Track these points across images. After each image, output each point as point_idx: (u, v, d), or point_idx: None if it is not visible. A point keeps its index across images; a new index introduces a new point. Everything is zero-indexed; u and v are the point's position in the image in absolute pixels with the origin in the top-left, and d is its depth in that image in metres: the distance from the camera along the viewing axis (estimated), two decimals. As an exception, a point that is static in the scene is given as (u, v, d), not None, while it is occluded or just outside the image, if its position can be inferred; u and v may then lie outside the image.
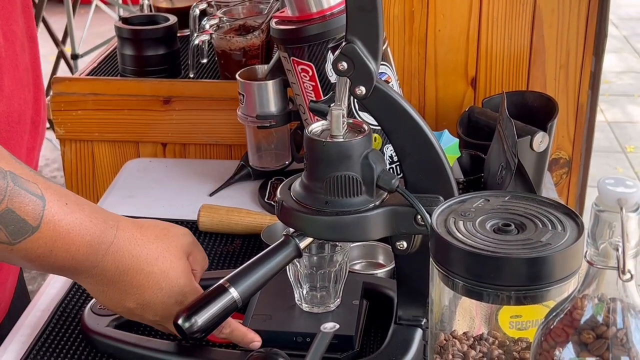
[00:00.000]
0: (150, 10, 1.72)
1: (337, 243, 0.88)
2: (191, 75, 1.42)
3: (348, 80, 0.77)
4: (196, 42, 1.39)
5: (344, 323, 0.85)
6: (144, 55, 1.41)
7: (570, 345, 0.58)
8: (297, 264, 0.87)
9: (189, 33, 1.51)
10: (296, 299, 0.90)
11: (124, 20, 1.45)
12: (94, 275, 0.79)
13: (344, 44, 0.76)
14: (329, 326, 0.67)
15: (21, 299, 1.04)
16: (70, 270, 0.78)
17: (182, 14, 1.53)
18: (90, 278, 0.79)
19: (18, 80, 0.90)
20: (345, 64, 0.76)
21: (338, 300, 0.90)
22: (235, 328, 0.84)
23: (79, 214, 0.76)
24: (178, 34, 1.46)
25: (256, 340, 0.85)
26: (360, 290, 0.92)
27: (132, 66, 1.42)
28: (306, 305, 0.89)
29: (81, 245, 0.76)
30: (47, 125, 3.68)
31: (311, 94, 1.08)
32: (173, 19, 1.45)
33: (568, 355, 0.58)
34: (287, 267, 0.87)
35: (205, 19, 1.41)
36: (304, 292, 0.89)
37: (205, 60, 1.43)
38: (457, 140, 1.13)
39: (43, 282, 2.77)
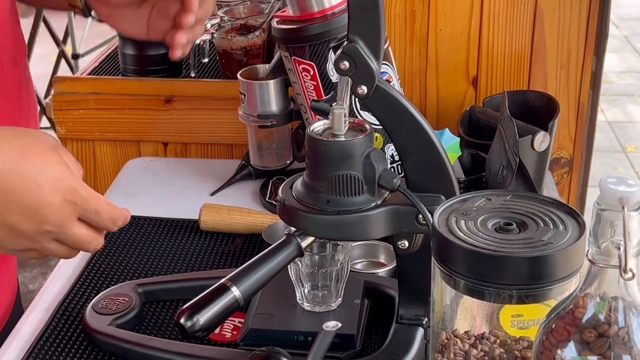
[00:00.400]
0: (152, 10, 1.72)
1: (338, 242, 0.88)
2: (192, 75, 1.42)
3: (350, 79, 0.77)
4: (197, 41, 1.39)
5: (346, 322, 0.85)
6: (145, 54, 1.41)
7: (572, 344, 0.58)
8: (299, 263, 0.87)
9: (190, 32, 1.51)
10: (297, 298, 0.90)
11: (125, 19, 1.45)
12: None
13: (345, 43, 0.76)
14: (331, 324, 0.67)
15: (17, 313, 1.02)
16: None
17: (183, 13, 1.53)
18: None
19: None
20: (347, 63, 0.76)
21: (339, 299, 0.90)
22: (118, 218, 0.79)
23: None
24: (179, 34, 1.46)
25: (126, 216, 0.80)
26: (362, 290, 0.92)
27: (133, 65, 1.42)
28: (308, 305, 0.89)
29: None
30: (48, 124, 3.68)
31: (312, 93, 1.08)
32: (174, 18, 1.45)
33: (570, 354, 0.58)
34: (289, 266, 0.87)
35: (206, 18, 1.41)
36: (306, 291, 0.89)
37: (206, 60, 1.43)
38: (457, 139, 1.13)
39: (44, 281, 2.78)
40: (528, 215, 0.68)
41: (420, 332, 0.85)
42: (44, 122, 3.73)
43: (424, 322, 0.85)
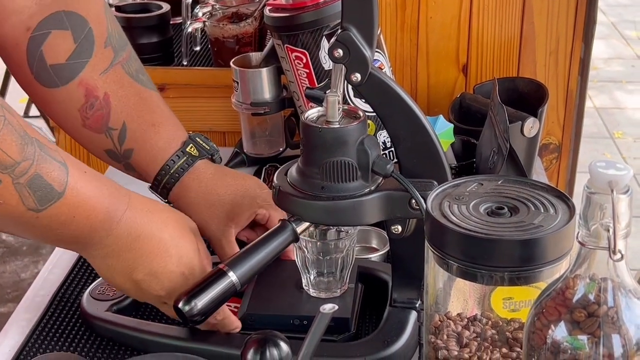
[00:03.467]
0: (143, -2, 1.72)
1: (342, 229, 0.89)
2: (184, 63, 1.43)
3: (344, 67, 0.78)
4: (189, 29, 1.40)
5: (340, 306, 0.86)
6: (137, 43, 1.41)
7: (562, 324, 0.60)
8: (305, 249, 0.88)
9: (181, 21, 1.52)
10: (303, 284, 0.91)
11: (117, 8, 1.45)
12: (106, 245, 0.79)
13: (339, 31, 0.77)
14: (328, 307, 0.69)
15: None
16: (84, 240, 0.79)
17: (175, 1, 1.53)
18: (100, 250, 0.80)
19: None
20: (341, 51, 0.78)
21: (344, 286, 0.91)
22: (227, 316, 0.85)
23: (97, 182, 0.78)
24: (171, 22, 1.46)
25: (237, 327, 0.86)
26: (356, 274, 0.93)
27: (125, 54, 1.42)
28: (313, 291, 0.90)
29: (100, 212, 0.77)
30: (38, 114, 3.64)
31: (305, 81, 1.09)
32: (166, 6, 1.45)
33: (560, 334, 0.60)
34: (295, 253, 0.89)
35: (197, 6, 1.41)
36: (312, 277, 0.90)
37: (198, 48, 1.44)
38: (451, 125, 1.15)
39: (36, 269, 2.77)
40: (519, 200, 0.69)
41: (413, 315, 0.86)
42: (33, 110, 3.72)
43: (417, 305, 0.87)
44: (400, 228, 0.83)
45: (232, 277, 0.80)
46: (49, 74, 0.89)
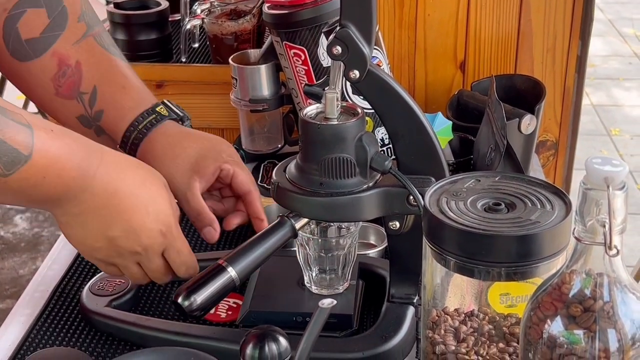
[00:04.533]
0: (141, -5, 1.72)
1: (343, 226, 0.90)
2: (183, 60, 1.43)
3: (342, 64, 0.79)
4: (188, 26, 1.40)
5: (343, 303, 0.87)
6: (136, 39, 1.42)
7: (559, 319, 0.60)
8: (307, 247, 0.88)
9: (180, 18, 1.52)
10: (305, 282, 0.91)
11: (116, 4, 1.46)
12: (81, 201, 0.78)
13: (338, 28, 0.78)
14: (327, 302, 0.69)
15: None
16: (58, 198, 0.78)
17: (173, -2, 1.54)
18: (75, 207, 0.79)
19: None
20: (339, 48, 0.78)
21: (347, 283, 0.91)
22: (191, 266, 0.86)
23: (66, 139, 0.77)
24: (169, 19, 1.46)
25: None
26: (357, 271, 0.93)
27: (124, 51, 1.41)
28: (315, 288, 0.91)
29: (72, 169, 0.77)
30: (36, 110, 3.64)
31: (303, 77, 1.09)
32: (164, 3, 1.45)
33: (557, 328, 0.60)
34: (297, 249, 0.89)
35: (196, 3, 1.42)
36: (314, 274, 0.90)
37: (196, 45, 1.44)
38: (450, 122, 1.15)
39: (34, 266, 2.77)
40: (516, 196, 0.70)
41: (411, 310, 0.87)
42: (31, 107, 3.71)
43: (415, 301, 0.87)
44: (398, 224, 0.84)
45: (231, 272, 0.80)
46: (24, 49, 0.91)
